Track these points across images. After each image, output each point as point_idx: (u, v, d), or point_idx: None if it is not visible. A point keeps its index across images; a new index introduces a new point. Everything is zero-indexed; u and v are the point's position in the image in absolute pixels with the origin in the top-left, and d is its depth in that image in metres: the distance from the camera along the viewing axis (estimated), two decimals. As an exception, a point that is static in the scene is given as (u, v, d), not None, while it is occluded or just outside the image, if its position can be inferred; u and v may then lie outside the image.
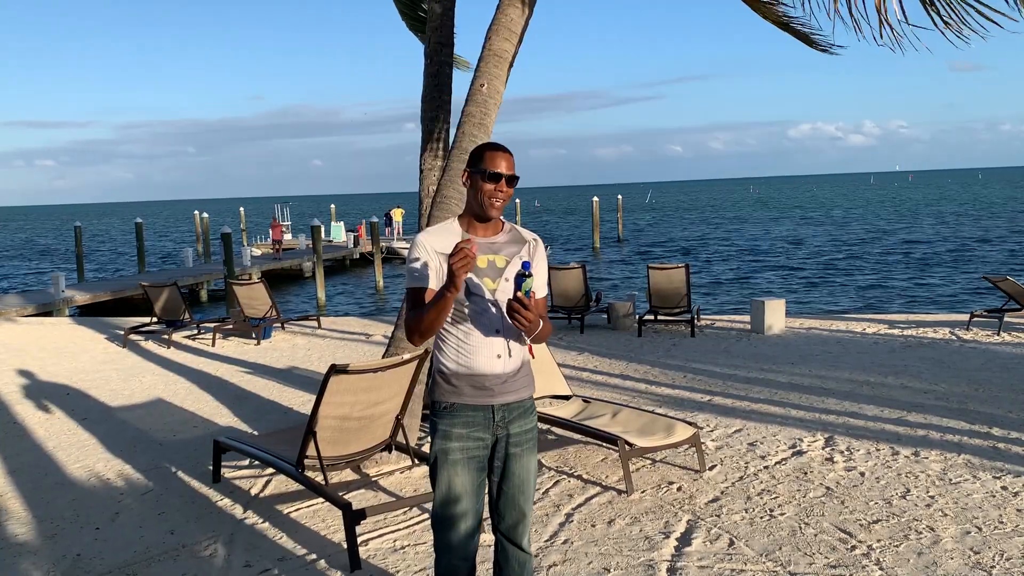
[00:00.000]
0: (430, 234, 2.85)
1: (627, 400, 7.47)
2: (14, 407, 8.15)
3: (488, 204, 2.79)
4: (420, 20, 7.94)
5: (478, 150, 2.84)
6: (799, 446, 6.03)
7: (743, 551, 4.22)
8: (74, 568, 4.27)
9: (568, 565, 4.11)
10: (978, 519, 4.56)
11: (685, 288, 11.47)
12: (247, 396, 8.33)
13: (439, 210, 5.78)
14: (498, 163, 2.78)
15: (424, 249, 2.82)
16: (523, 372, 2.90)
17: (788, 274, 28.11)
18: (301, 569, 4.16)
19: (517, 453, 2.89)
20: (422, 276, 2.80)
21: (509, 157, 2.82)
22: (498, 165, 2.78)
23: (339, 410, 4.62)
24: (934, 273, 26.85)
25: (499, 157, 2.79)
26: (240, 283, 13.46)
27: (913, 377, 8.23)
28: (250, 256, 29.13)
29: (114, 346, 11.99)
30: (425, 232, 2.88)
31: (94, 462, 6.17)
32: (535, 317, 2.66)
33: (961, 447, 5.90)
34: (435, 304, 2.66)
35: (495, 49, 5.88)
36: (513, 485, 2.90)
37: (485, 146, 2.86)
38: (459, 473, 2.84)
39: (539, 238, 2.99)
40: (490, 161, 2.78)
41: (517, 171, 2.84)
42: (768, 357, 9.50)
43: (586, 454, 5.94)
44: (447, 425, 2.85)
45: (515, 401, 2.87)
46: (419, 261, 2.81)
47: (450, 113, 6.48)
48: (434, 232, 2.86)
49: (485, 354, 2.80)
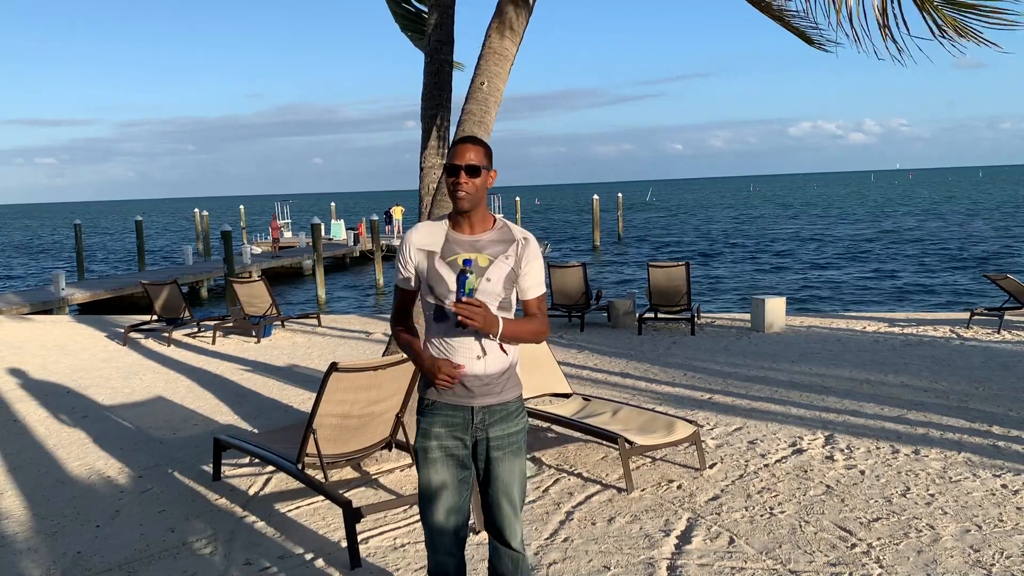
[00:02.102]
0: (418, 231, 2.87)
1: (627, 398, 7.47)
2: (14, 405, 8.15)
3: (453, 198, 2.79)
4: (411, 18, 7.92)
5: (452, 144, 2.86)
6: (799, 444, 6.03)
7: (743, 549, 4.22)
8: (74, 566, 4.27)
9: (568, 563, 4.11)
10: (978, 517, 4.56)
11: (685, 286, 11.47)
12: (247, 394, 8.33)
13: (439, 208, 5.78)
14: (458, 155, 2.76)
15: (405, 247, 2.87)
16: (507, 375, 2.85)
17: (788, 273, 28.10)
18: (301, 567, 4.16)
19: (499, 457, 2.85)
20: (403, 277, 2.90)
21: (474, 147, 2.78)
22: (457, 156, 2.76)
23: (339, 408, 4.62)
24: (934, 272, 26.84)
25: (461, 148, 2.77)
26: (240, 281, 13.46)
27: (913, 375, 8.23)
28: (250, 254, 29.12)
29: (114, 344, 11.99)
30: (414, 229, 2.89)
31: (94, 460, 6.17)
32: (482, 314, 2.61)
33: (961, 445, 5.90)
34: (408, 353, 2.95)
35: (495, 47, 5.87)
36: (496, 489, 2.87)
37: (455, 140, 2.87)
38: (438, 471, 2.83)
39: (531, 236, 2.92)
40: (452, 154, 2.78)
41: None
42: (768, 355, 9.50)
43: (586, 452, 5.94)
44: (427, 423, 2.86)
45: (496, 404, 2.83)
46: (401, 260, 2.88)
47: (450, 111, 6.48)
48: (422, 229, 2.87)
49: (465, 354, 2.78)
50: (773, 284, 25.12)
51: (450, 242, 2.81)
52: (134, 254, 39.07)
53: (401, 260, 2.87)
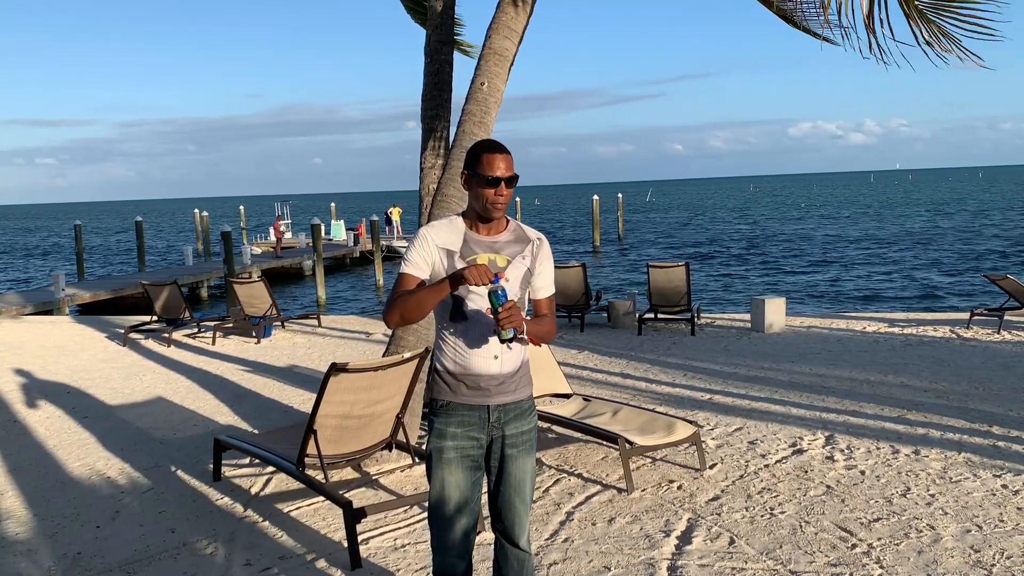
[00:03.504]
0: (434, 228, 2.83)
1: (627, 398, 7.47)
2: (14, 405, 8.16)
3: (490, 208, 2.77)
4: (423, 10, 7.93)
5: (474, 150, 2.78)
6: (799, 444, 6.03)
7: (743, 549, 4.22)
8: (74, 566, 4.27)
9: (569, 563, 4.11)
10: (978, 517, 4.56)
11: (685, 286, 11.47)
12: (247, 395, 8.33)
13: (439, 208, 5.79)
14: (495, 166, 2.73)
15: (427, 241, 2.80)
16: (520, 373, 2.89)
17: (788, 272, 28.11)
18: (301, 568, 4.16)
19: (513, 454, 2.87)
20: (417, 266, 2.80)
21: (507, 157, 2.76)
22: (496, 168, 2.73)
23: (339, 408, 4.62)
24: (935, 270, 26.85)
25: (496, 159, 2.73)
26: (240, 282, 13.46)
27: (913, 375, 8.23)
28: (250, 254, 29.13)
29: (114, 344, 11.99)
30: (429, 226, 2.85)
31: (94, 460, 6.17)
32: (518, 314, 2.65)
33: (961, 445, 5.90)
34: (423, 293, 2.67)
35: (495, 47, 5.87)
36: (509, 486, 2.89)
37: (481, 147, 2.79)
38: (453, 472, 2.83)
39: (544, 237, 2.96)
40: (488, 165, 2.73)
41: (517, 170, 2.79)
42: (768, 355, 9.50)
43: (586, 452, 5.94)
44: (442, 424, 2.85)
45: (512, 402, 2.86)
46: (419, 251, 2.80)
47: (450, 111, 6.48)
48: (438, 227, 2.84)
49: (481, 354, 2.79)
50: (773, 284, 25.13)
51: (468, 243, 2.81)
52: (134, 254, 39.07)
53: (419, 253, 2.79)
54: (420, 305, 2.69)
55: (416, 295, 2.69)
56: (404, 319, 2.71)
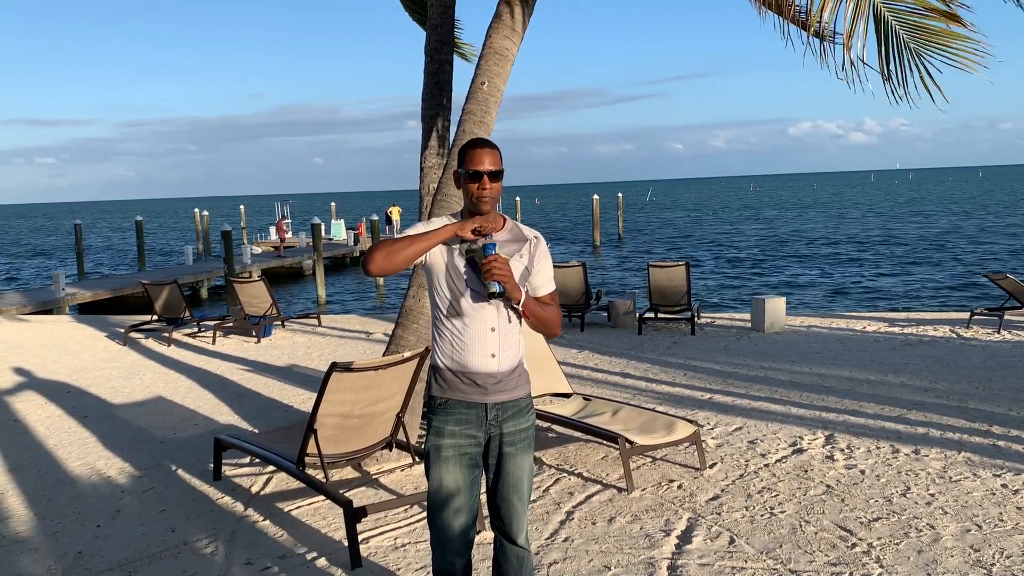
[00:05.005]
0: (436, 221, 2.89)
1: (627, 398, 7.47)
2: (14, 405, 8.16)
3: (477, 202, 2.81)
4: (422, 9, 7.93)
5: (462, 148, 2.84)
6: (799, 444, 6.03)
7: (743, 549, 4.22)
8: (75, 566, 4.28)
9: (569, 563, 4.11)
10: (978, 517, 4.56)
11: (685, 286, 11.48)
12: (247, 394, 8.34)
13: (439, 208, 5.79)
14: (478, 160, 2.78)
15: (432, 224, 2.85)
16: (518, 371, 2.91)
17: (788, 271, 28.11)
18: (302, 567, 4.16)
19: (511, 452, 2.89)
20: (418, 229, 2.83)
21: (492, 152, 2.81)
22: (478, 162, 2.77)
23: (340, 408, 4.62)
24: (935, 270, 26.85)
25: (480, 154, 2.78)
26: (240, 281, 13.47)
27: (913, 375, 8.23)
28: (250, 254, 29.14)
29: (114, 344, 11.99)
30: (431, 221, 2.91)
31: (95, 460, 6.18)
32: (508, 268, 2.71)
33: (961, 445, 5.90)
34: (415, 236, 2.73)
35: (496, 47, 5.88)
36: (507, 484, 2.90)
37: (467, 144, 2.85)
38: (450, 470, 2.84)
39: (540, 235, 3.00)
40: (471, 160, 2.79)
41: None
42: (768, 355, 9.50)
43: (586, 452, 5.94)
44: (440, 421, 2.86)
45: (509, 400, 2.87)
46: (425, 225, 2.85)
47: (451, 111, 6.48)
48: (439, 222, 2.89)
49: (479, 352, 2.81)
50: (772, 284, 25.13)
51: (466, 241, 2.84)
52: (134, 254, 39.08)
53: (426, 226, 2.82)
54: (410, 244, 2.72)
55: (407, 236, 2.76)
56: (386, 258, 2.68)
